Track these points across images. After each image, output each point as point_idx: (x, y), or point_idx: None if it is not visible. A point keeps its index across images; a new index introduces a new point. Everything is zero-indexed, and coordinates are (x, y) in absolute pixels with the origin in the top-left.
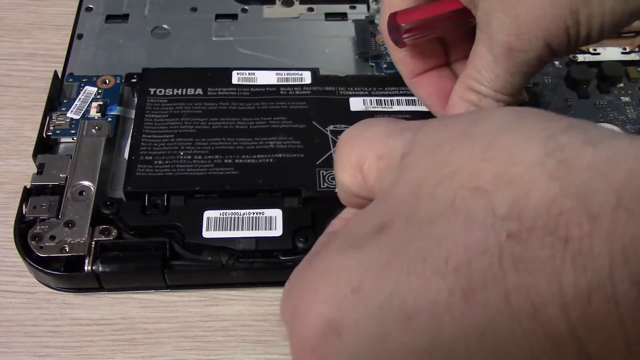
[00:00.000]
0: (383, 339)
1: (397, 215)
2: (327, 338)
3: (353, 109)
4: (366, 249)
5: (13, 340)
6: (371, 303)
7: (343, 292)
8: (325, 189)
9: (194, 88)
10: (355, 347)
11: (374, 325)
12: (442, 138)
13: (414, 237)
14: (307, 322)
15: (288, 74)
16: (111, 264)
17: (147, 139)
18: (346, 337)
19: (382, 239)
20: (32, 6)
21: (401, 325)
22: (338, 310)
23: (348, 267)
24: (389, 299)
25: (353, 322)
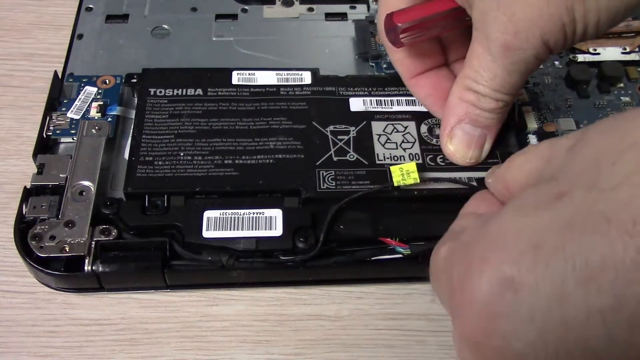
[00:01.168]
0: (562, 299)
1: (577, 185)
2: (502, 294)
3: (353, 109)
4: (547, 212)
5: (13, 340)
6: (552, 261)
7: (523, 249)
8: (325, 190)
9: (194, 88)
10: (531, 305)
11: (553, 283)
12: (614, 121)
13: (597, 202)
14: (482, 278)
15: (288, 74)
16: (111, 264)
17: (147, 139)
18: (523, 294)
19: (563, 203)
20: (32, 6)
21: (582, 285)
22: (517, 268)
23: (528, 227)
24: (571, 257)
25: (532, 279)
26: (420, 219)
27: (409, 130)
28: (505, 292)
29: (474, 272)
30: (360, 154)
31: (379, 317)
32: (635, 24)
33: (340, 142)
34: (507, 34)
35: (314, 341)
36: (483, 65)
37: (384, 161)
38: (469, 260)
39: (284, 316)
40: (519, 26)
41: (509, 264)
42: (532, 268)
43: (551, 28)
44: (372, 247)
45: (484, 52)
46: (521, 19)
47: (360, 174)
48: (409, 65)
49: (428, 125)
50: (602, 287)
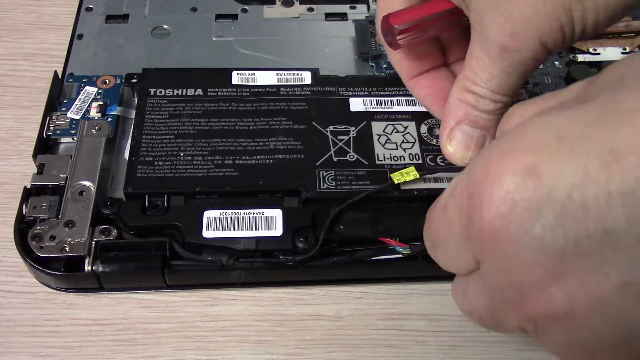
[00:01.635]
0: (583, 182)
1: (601, 93)
2: (524, 181)
3: (353, 110)
4: (573, 109)
5: (13, 340)
6: (577, 147)
7: (546, 140)
8: (325, 190)
9: (194, 88)
10: (552, 189)
11: (576, 167)
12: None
13: (624, 99)
14: (504, 168)
15: (288, 74)
16: (111, 264)
17: (147, 139)
18: (545, 179)
19: (588, 104)
20: (32, 6)
21: (606, 167)
22: (540, 156)
23: (552, 121)
24: (595, 143)
25: (555, 166)
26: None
27: (409, 131)
28: (528, 179)
29: (494, 166)
30: (360, 154)
31: (379, 317)
32: (635, 23)
33: (340, 142)
34: (504, 35)
35: (314, 341)
36: (481, 67)
37: (384, 161)
38: (488, 160)
39: (284, 316)
40: (516, 27)
41: (532, 153)
42: (555, 155)
43: (549, 29)
44: (372, 247)
45: (481, 53)
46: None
47: (361, 174)
48: (408, 66)
49: (428, 125)
50: (625, 170)
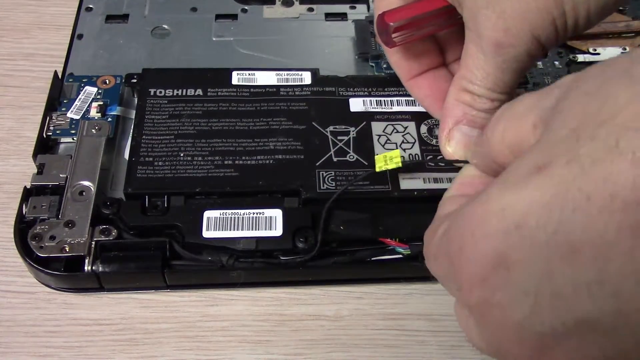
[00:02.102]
0: (549, 274)
1: (556, 157)
2: (497, 271)
3: (353, 110)
4: (527, 188)
5: (13, 340)
6: (536, 239)
7: (508, 227)
8: (325, 190)
9: (194, 89)
10: (523, 280)
11: (540, 260)
12: (600, 81)
13: (577, 177)
14: (477, 256)
15: (288, 74)
16: (111, 264)
17: (147, 140)
18: (514, 270)
19: (543, 178)
20: (32, 6)
21: (567, 260)
22: (505, 244)
23: (511, 204)
24: (554, 235)
25: (520, 256)
26: (420, 219)
27: (408, 131)
28: (499, 269)
29: (467, 251)
30: (360, 155)
31: (379, 317)
32: (635, 23)
33: (340, 142)
34: (498, 31)
35: (314, 341)
36: (476, 65)
37: None
38: (461, 240)
39: (284, 316)
40: (509, 23)
41: (498, 243)
42: (519, 246)
43: (541, 23)
44: (372, 247)
45: (476, 51)
46: (511, 15)
47: (360, 174)
48: (407, 66)
49: (428, 125)
50: (585, 262)
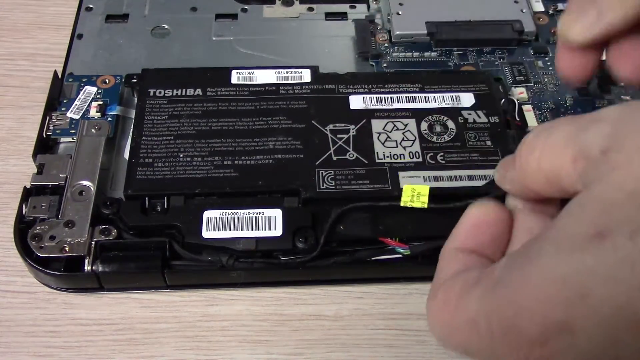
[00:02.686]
0: (615, 344)
1: (617, 224)
2: (560, 335)
3: (353, 107)
4: (588, 257)
5: (13, 340)
6: (602, 311)
7: (571, 296)
8: (325, 190)
9: (194, 88)
10: (587, 347)
11: (606, 330)
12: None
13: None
14: (540, 320)
15: (287, 72)
16: (111, 264)
17: (146, 141)
18: (579, 337)
19: (605, 247)
20: (32, 6)
21: (634, 332)
22: (569, 313)
23: (572, 274)
24: (620, 310)
25: (585, 325)
26: (420, 219)
27: (409, 128)
28: (562, 334)
29: (526, 315)
30: (360, 153)
31: (379, 317)
32: None
33: (340, 140)
34: None
35: (314, 341)
36: None
37: (383, 160)
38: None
39: (284, 316)
40: None
41: (561, 311)
42: (584, 315)
43: None
44: (372, 247)
45: None
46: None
47: (360, 173)
48: None
49: (428, 122)
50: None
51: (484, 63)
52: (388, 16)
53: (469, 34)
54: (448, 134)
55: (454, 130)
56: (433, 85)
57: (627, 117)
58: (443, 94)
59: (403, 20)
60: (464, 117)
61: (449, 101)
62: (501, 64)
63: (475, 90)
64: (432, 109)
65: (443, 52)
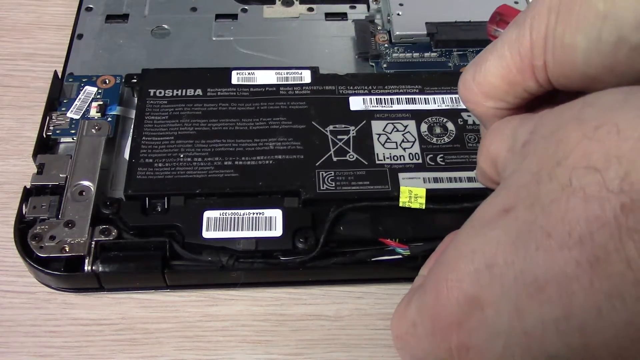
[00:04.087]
0: (519, 312)
1: (521, 200)
2: (472, 313)
3: (353, 108)
4: (495, 229)
5: (13, 340)
6: (505, 278)
7: (479, 268)
8: (325, 191)
9: (194, 89)
10: (496, 320)
11: (510, 299)
12: (556, 124)
13: (538, 217)
14: (452, 300)
15: (288, 73)
16: (111, 264)
17: (147, 141)
18: (487, 311)
19: (509, 220)
20: (32, 6)
21: (534, 298)
22: (477, 286)
23: (480, 245)
24: (521, 274)
25: (492, 297)
26: (420, 219)
27: (409, 130)
28: (473, 311)
29: (442, 298)
30: (360, 154)
31: (379, 317)
32: None
33: (340, 142)
34: None
35: (314, 341)
36: None
37: (383, 161)
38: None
39: (284, 316)
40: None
41: (470, 285)
42: (490, 286)
43: None
44: (372, 247)
45: None
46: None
47: (360, 174)
48: None
49: (428, 124)
50: (550, 298)
51: None
52: (388, 16)
53: (469, 34)
54: (448, 135)
55: (453, 132)
56: (433, 87)
57: (548, 113)
58: (443, 96)
59: (403, 21)
60: (464, 119)
61: (448, 103)
62: None
63: None
64: (432, 110)
65: (443, 52)
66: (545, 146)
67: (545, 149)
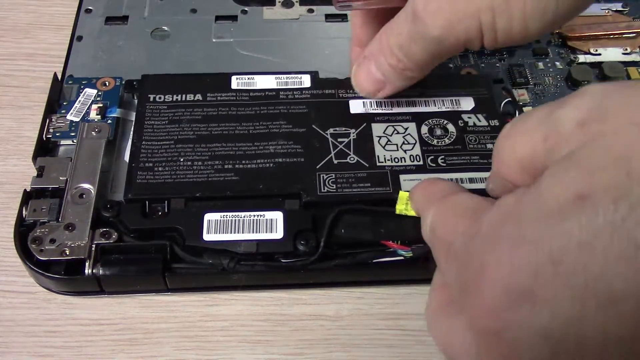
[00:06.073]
0: (580, 320)
1: (600, 189)
2: (519, 306)
3: (353, 112)
4: (567, 221)
5: (13, 340)
6: (574, 281)
7: (541, 262)
8: (326, 193)
9: (194, 94)
10: (547, 321)
11: (573, 303)
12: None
13: (626, 220)
14: (501, 283)
15: (287, 77)
16: (112, 267)
17: (147, 145)
18: (540, 308)
19: (585, 212)
20: (32, 6)
21: (604, 309)
22: (535, 280)
23: (547, 237)
24: (594, 280)
25: (551, 295)
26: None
27: (409, 132)
28: (522, 303)
29: (490, 274)
30: (360, 156)
31: (379, 317)
32: (636, 24)
33: (341, 144)
34: (420, 4)
35: (314, 341)
36: (398, 21)
37: (384, 163)
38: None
39: (284, 316)
40: (433, 4)
41: (527, 277)
42: (551, 283)
43: (461, 26)
44: (373, 249)
45: (405, 9)
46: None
47: (361, 176)
48: (359, 33)
49: (429, 125)
50: (623, 315)
51: (484, 65)
52: None
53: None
54: (448, 137)
55: (454, 133)
56: (433, 89)
57: (610, 91)
58: (443, 98)
59: None
60: (464, 121)
61: (448, 105)
62: (501, 66)
63: (475, 94)
64: (432, 112)
65: None
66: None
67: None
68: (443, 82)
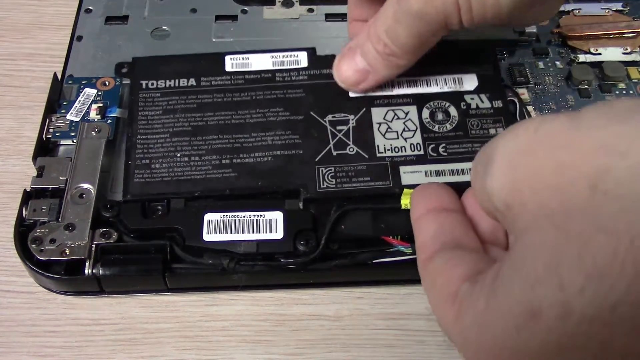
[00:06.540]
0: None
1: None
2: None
3: (352, 95)
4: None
5: (13, 340)
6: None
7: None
8: (325, 189)
9: (187, 78)
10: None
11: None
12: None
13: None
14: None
15: (283, 56)
16: (112, 267)
17: (142, 140)
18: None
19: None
20: (32, 6)
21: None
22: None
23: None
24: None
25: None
26: None
27: (410, 117)
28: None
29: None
30: (360, 146)
31: (379, 317)
32: (636, 24)
33: (340, 133)
34: None
35: (314, 341)
36: (385, 7)
37: (384, 153)
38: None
39: (284, 316)
40: None
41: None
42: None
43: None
44: (374, 249)
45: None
46: None
47: (361, 169)
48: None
49: (430, 109)
50: None
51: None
52: None
53: (470, 34)
54: (450, 122)
55: (456, 117)
56: (434, 66)
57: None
58: (445, 77)
59: None
60: (467, 103)
61: (451, 84)
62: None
63: (478, 71)
64: (433, 94)
65: None
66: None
67: None
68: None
